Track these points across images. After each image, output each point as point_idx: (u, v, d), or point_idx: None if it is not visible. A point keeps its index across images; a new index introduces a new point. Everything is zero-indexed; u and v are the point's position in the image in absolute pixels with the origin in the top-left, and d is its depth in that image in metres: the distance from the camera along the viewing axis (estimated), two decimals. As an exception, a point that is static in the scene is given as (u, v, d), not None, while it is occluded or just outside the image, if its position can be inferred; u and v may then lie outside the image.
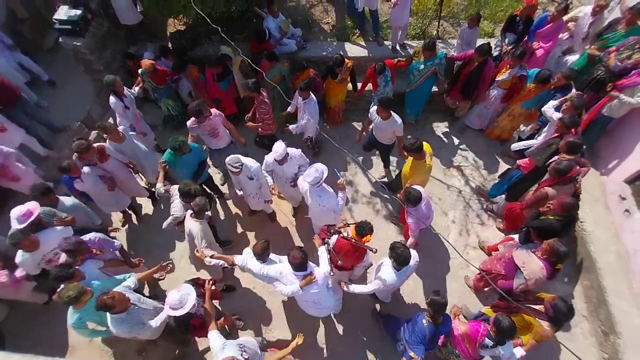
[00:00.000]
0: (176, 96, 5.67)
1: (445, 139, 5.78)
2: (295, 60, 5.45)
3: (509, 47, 5.21)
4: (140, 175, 5.00)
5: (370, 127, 4.69)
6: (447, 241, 3.45)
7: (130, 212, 5.05)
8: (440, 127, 5.92)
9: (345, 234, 3.36)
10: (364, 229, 3.16)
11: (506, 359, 3.05)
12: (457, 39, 5.61)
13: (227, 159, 3.83)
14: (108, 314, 2.98)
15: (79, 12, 5.19)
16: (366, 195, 5.25)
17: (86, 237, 3.52)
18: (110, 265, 3.66)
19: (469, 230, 4.86)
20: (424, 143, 3.87)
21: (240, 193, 4.49)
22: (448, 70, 5.51)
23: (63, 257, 3.45)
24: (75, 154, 4.04)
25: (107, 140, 4.34)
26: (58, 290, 3.09)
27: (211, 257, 3.42)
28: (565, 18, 4.99)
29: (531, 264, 3.36)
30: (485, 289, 4.27)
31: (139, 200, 5.21)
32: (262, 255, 3.21)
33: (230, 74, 5.26)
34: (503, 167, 5.35)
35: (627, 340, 3.74)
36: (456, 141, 5.71)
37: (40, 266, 3.62)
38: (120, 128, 4.49)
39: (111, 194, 4.34)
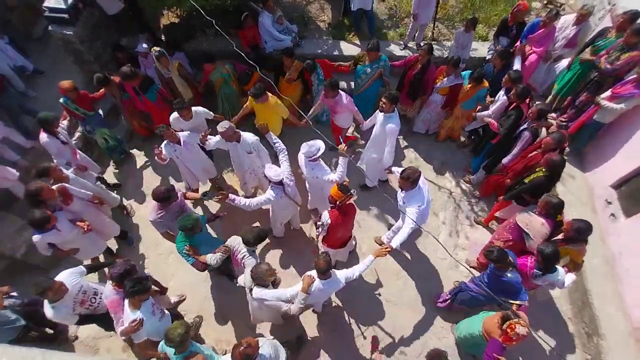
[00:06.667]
0: (107, 123, 5.29)
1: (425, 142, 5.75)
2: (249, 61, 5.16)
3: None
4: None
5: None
6: (438, 241, 3.48)
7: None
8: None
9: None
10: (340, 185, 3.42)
11: (561, 284, 3.32)
12: (453, 42, 5.64)
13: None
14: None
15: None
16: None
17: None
18: None
19: (458, 231, 4.89)
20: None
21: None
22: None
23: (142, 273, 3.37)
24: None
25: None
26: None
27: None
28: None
29: (533, 222, 3.55)
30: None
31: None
32: (328, 270, 3.10)
33: (154, 83, 4.99)
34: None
35: (610, 341, 3.81)
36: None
37: (77, 312, 3.27)
38: (69, 171, 4.07)
39: (88, 238, 3.87)
